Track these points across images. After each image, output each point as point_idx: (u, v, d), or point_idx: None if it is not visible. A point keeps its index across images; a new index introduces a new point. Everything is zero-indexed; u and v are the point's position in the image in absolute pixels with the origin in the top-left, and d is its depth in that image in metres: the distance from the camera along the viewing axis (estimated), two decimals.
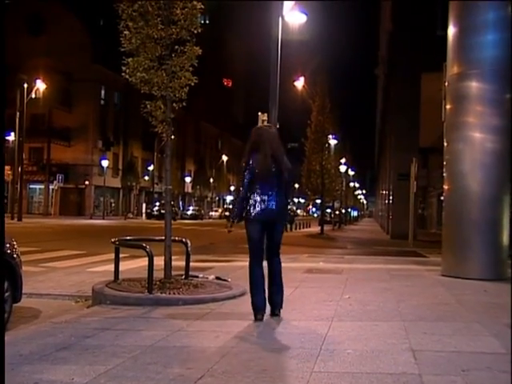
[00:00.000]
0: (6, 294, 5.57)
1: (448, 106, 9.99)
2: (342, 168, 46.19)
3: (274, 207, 5.64)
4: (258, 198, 5.64)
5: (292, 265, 11.13)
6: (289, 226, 6.01)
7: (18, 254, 5.97)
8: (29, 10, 53.12)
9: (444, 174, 10.22)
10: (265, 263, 5.94)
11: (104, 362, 4.18)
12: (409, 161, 21.82)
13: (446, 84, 10.07)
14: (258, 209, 5.64)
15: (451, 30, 9.92)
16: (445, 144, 10.11)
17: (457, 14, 9.87)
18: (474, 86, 9.51)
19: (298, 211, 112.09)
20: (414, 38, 24.75)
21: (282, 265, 6.15)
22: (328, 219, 47.65)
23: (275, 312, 5.84)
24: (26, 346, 4.68)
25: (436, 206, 32.21)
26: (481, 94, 9.46)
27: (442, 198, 11.77)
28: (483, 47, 9.46)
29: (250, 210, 5.67)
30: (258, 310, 5.67)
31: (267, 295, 5.80)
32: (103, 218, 48.87)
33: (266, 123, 11.54)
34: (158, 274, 7.30)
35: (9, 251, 5.78)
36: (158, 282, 7.15)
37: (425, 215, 36.85)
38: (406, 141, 26.35)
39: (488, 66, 9.36)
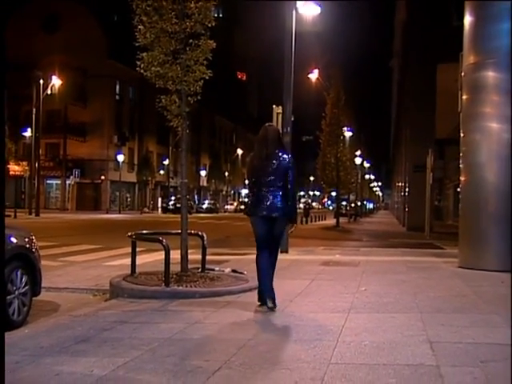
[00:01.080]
0: (26, 288, 5.64)
1: (464, 97, 9.89)
2: (358, 160, 46.01)
3: (272, 204, 5.79)
4: (258, 195, 5.87)
5: (308, 257, 11.13)
6: (296, 222, 6.17)
7: (36, 249, 6.04)
8: (44, 8, 53.44)
9: (460, 166, 10.13)
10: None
11: (122, 354, 4.22)
12: (425, 152, 21.66)
13: (463, 74, 9.97)
14: (257, 204, 5.87)
15: (467, 20, 9.80)
16: (461, 135, 10.02)
17: (473, 3, 9.75)
18: (490, 75, 9.40)
19: (314, 204, 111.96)
20: (429, 28, 24.51)
21: (298, 257, 6.46)
22: (343, 212, 47.48)
23: (266, 304, 5.86)
24: (46, 338, 4.75)
25: (452, 197, 31.93)
26: (497, 83, 9.34)
27: (458, 189, 11.68)
28: (500, 36, 9.32)
29: (251, 205, 5.97)
30: (264, 300, 5.86)
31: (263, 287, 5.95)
32: (119, 213, 49.16)
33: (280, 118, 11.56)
34: (175, 268, 7.34)
35: (28, 245, 5.85)
36: (174, 276, 7.20)
37: (441, 207, 36.53)
38: (421, 132, 26.16)
39: (505, 55, 9.23)
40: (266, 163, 5.84)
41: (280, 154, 5.88)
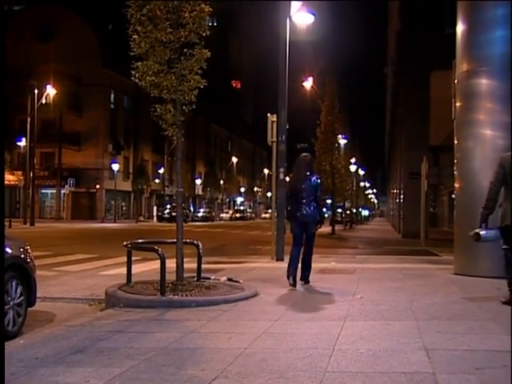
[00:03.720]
0: (21, 298, 5.62)
1: (458, 104, 9.95)
2: (353, 168, 46.04)
3: (305, 212, 8.02)
4: (296, 205, 8.11)
5: None
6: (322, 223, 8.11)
7: (31, 259, 6.01)
8: (39, 17, 53.50)
9: (455, 172, 10.17)
10: None
11: (118, 364, 4.21)
12: (419, 159, 21.75)
13: (456, 82, 10.03)
14: (295, 212, 8.12)
15: (460, 28, 9.87)
16: (455, 142, 10.06)
17: (465, 11, 9.83)
18: (483, 83, 9.46)
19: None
20: (422, 36, 24.66)
21: None
22: (339, 219, 47.44)
23: (304, 281, 8.21)
24: (42, 349, 4.73)
25: (447, 204, 32.04)
26: (491, 90, 9.41)
27: (453, 196, 11.72)
28: (492, 44, 9.40)
29: (290, 212, 8.27)
30: (289, 276, 7.97)
31: (300, 270, 8.17)
32: (115, 222, 49.06)
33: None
34: (171, 277, 7.34)
35: (23, 256, 5.83)
36: (170, 285, 7.18)
37: (436, 214, 36.65)
38: (416, 139, 26.27)
39: (497, 63, 9.30)
40: (301, 183, 8.08)
41: (311, 176, 8.13)
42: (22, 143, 42.77)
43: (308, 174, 8.15)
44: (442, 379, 3.72)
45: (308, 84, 33.22)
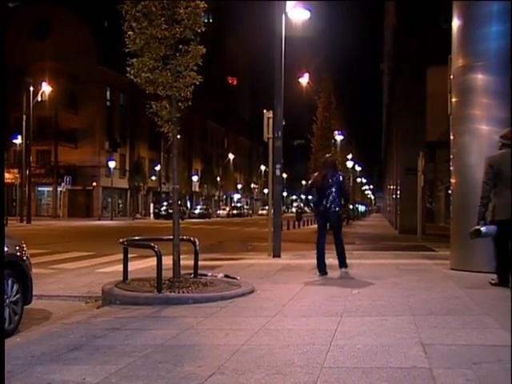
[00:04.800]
0: (17, 296, 5.60)
1: (454, 99, 9.94)
2: (349, 164, 46.09)
3: (327, 206, 8.91)
4: (321, 199, 9.03)
5: (300, 261, 11.12)
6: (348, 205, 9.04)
7: (27, 256, 6.00)
8: (34, 15, 53.35)
9: (451, 168, 10.18)
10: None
11: (115, 361, 4.20)
12: (416, 155, 21.75)
13: (452, 77, 10.02)
14: (319, 205, 9.03)
15: (455, 23, 9.85)
16: (451, 137, 10.06)
17: (461, 6, 9.81)
18: (479, 78, 9.45)
19: (306, 208, 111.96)
20: (418, 31, 24.66)
21: (291, 262, 7.57)
22: None
23: (341, 267, 9.05)
24: (38, 347, 4.72)
25: (444, 199, 32.09)
26: (486, 86, 9.39)
27: (449, 191, 11.73)
28: (488, 39, 9.38)
29: (315, 205, 9.18)
30: (320, 270, 8.93)
31: (337, 258, 9.13)
32: (111, 219, 49.02)
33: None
34: (167, 274, 7.33)
35: (18, 253, 5.82)
36: (167, 282, 7.18)
37: (433, 209, 36.70)
38: (412, 135, 26.25)
39: (493, 58, 9.28)
40: (326, 179, 9.00)
41: (335, 173, 9.13)
42: (18, 141, 42.68)
43: (332, 171, 9.15)
44: (438, 374, 3.72)
45: (304, 80, 33.23)
